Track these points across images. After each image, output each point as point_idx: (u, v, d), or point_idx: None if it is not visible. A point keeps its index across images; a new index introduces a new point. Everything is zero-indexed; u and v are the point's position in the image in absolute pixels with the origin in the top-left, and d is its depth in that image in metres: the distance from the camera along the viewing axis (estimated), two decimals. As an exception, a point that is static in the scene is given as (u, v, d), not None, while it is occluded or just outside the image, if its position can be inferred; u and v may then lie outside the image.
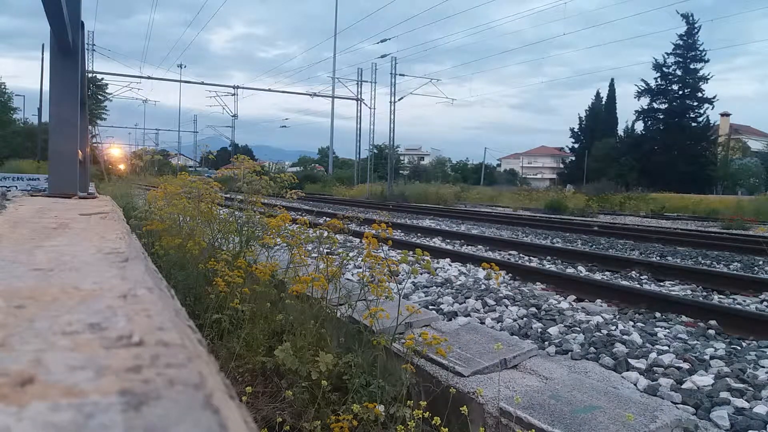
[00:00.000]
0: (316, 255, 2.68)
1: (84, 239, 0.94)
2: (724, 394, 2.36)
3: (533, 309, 3.84)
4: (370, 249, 2.19)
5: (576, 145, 50.79)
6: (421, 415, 1.67)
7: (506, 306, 3.91)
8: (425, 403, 1.77)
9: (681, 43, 40.81)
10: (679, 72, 41.33)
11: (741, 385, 2.46)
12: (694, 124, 40.98)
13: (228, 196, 4.41)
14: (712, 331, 3.47)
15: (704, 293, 4.83)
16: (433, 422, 1.65)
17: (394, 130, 30.82)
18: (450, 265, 5.65)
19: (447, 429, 1.64)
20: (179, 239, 3.09)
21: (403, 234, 9.04)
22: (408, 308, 2.13)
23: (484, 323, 3.47)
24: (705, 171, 39.29)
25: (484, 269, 2.18)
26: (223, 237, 3.38)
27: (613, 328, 3.39)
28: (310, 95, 35.94)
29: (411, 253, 2.21)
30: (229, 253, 2.97)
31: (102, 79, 27.90)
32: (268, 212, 3.41)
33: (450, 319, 3.48)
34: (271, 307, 2.47)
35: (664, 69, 41.70)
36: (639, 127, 44.06)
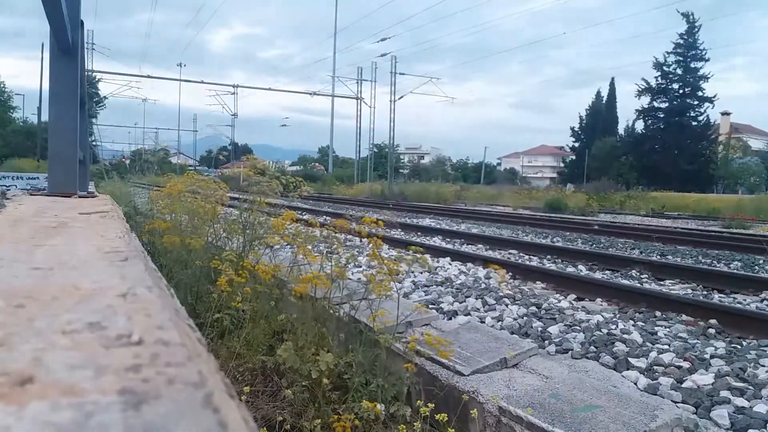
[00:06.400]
0: (317, 254, 2.68)
1: (83, 238, 0.94)
2: (724, 393, 2.36)
3: (533, 308, 3.84)
4: (376, 250, 2.19)
5: (576, 144, 50.78)
6: (426, 414, 1.67)
7: (506, 305, 3.91)
8: (432, 405, 1.77)
9: (681, 42, 40.77)
10: (679, 71, 41.28)
11: (741, 384, 2.46)
12: (694, 123, 40.94)
13: (232, 195, 4.41)
14: (712, 330, 3.47)
15: (704, 292, 4.83)
16: (439, 418, 1.65)
17: (393, 129, 30.89)
18: (450, 264, 5.65)
19: (447, 428, 1.64)
20: (183, 238, 3.08)
21: (403, 233, 9.03)
22: (411, 307, 2.13)
23: (484, 322, 3.48)
24: (705, 170, 39.27)
25: (488, 269, 2.19)
26: (227, 237, 3.37)
27: (614, 327, 3.39)
28: (310, 94, 35.98)
29: (408, 251, 2.21)
30: (233, 253, 2.97)
31: (96, 78, 27.86)
32: (273, 212, 3.41)
33: (450, 318, 3.48)
34: (272, 307, 2.47)
35: (664, 68, 41.65)
36: (639, 126, 44.06)
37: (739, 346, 3.15)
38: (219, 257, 2.64)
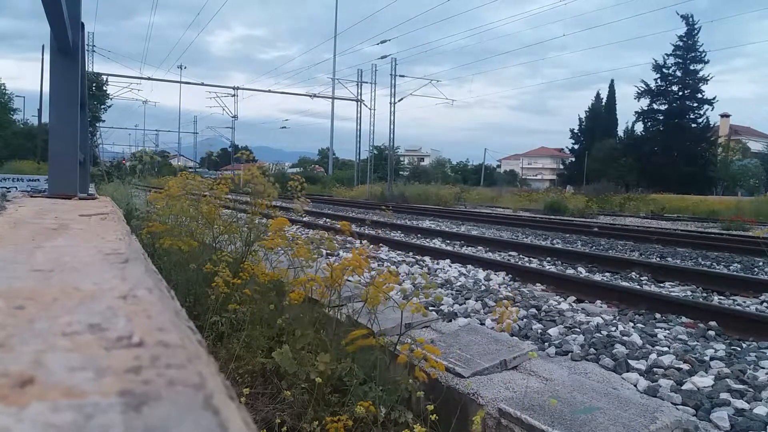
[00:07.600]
0: (316, 257, 2.67)
1: (84, 240, 0.94)
2: (724, 395, 2.36)
3: (533, 310, 3.84)
4: (367, 250, 2.19)
5: (576, 146, 50.84)
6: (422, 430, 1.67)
7: (506, 307, 3.91)
8: (435, 416, 1.76)
9: (681, 44, 40.85)
10: (678, 73, 41.37)
11: (741, 386, 2.46)
12: (693, 125, 41.02)
13: (231, 197, 4.40)
14: (712, 332, 3.46)
15: (704, 294, 4.83)
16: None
17: (394, 131, 30.86)
18: (450, 266, 5.65)
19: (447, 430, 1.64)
20: (179, 241, 3.08)
21: (403, 235, 9.03)
22: (411, 310, 2.13)
23: (484, 324, 3.47)
24: (705, 172, 39.34)
25: (488, 272, 2.18)
26: (229, 240, 3.36)
27: (613, 329, 3.39)
28: (310, 96, 35.98)
29: (411, 253, 2.21)
30: (231, 255, 2.96)
31: (104, 79, 27.90)
32: (272, 214, 3.39)
33: (450, 320, 3.48)
34: (271, 310, 2.47)
35: (663, 70, 41.73)
36: (639, 128, 44.20)
37: (739, 348, 3.15)
38: (214, 260, 2.64)
